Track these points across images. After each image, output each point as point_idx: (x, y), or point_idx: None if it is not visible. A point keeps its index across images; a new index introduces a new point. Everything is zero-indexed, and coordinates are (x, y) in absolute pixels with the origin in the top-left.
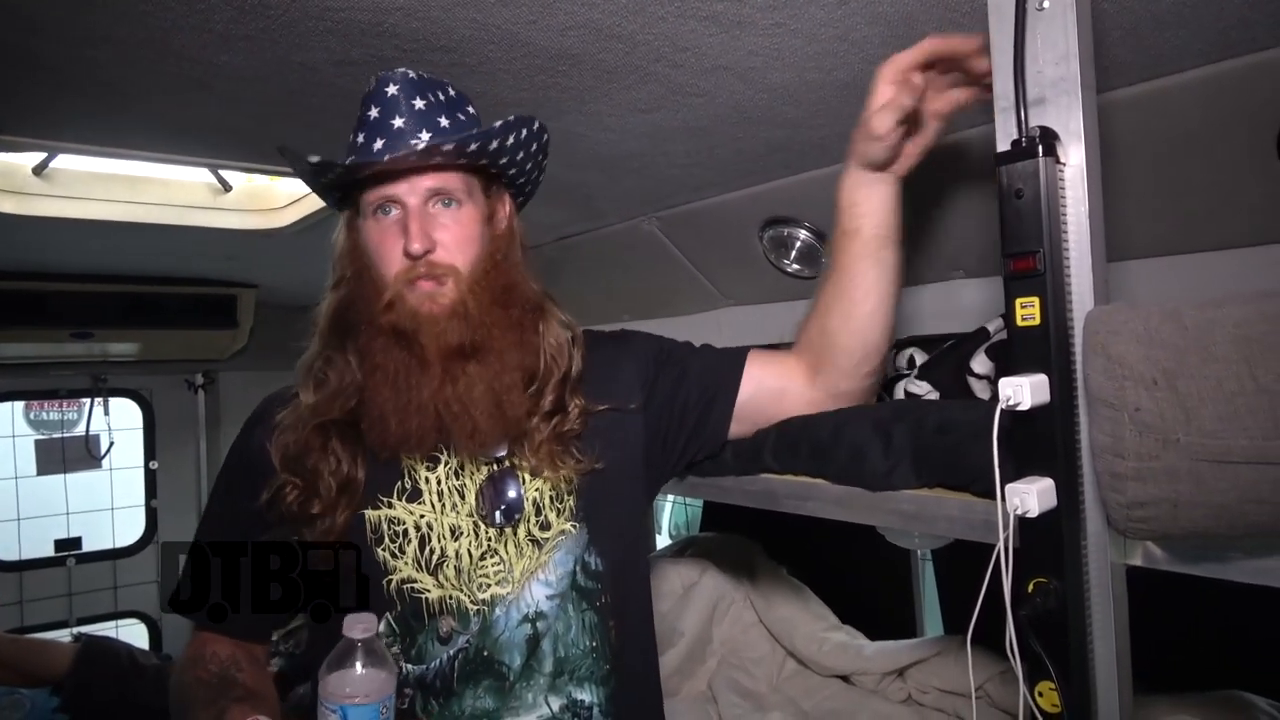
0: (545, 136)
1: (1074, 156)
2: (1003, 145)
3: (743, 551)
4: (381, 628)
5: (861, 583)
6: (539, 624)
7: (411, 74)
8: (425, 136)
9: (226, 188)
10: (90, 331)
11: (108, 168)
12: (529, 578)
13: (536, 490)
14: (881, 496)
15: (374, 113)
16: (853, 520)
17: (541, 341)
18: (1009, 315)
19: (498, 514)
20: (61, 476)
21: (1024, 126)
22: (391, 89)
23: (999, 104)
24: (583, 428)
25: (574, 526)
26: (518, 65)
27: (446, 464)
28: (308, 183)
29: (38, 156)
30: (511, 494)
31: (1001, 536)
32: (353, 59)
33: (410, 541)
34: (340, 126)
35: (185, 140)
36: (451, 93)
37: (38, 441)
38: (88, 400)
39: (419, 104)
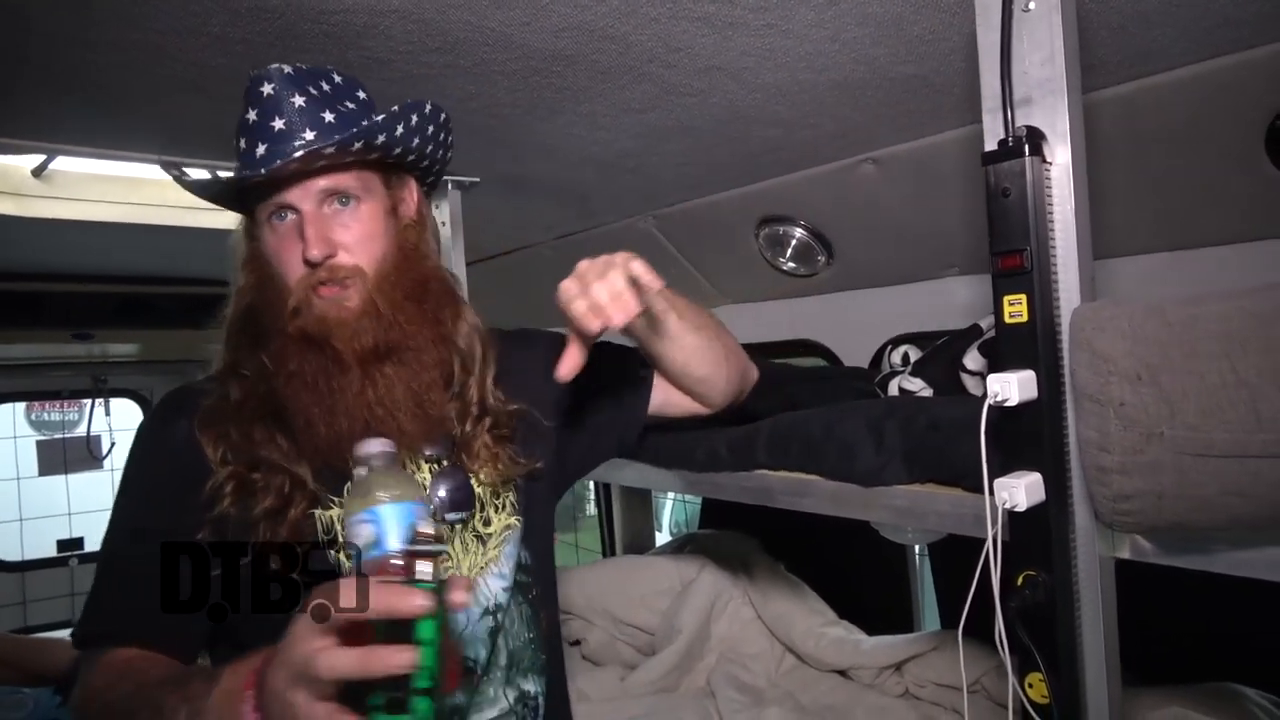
0: (442, 116)
1: (1060, 155)
2: (990, 145)
3: (741, 548)
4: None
5: (859, 578)
6: (498, 615)
7: (288, 69)
8: (309, 135)
9: None
10: (90, 332)
11: (106, 169)
12: (480, 572)
13: (480, 487)
14: (875, 492)
15: (252, 115)
16: (847, 515)
17: (455, 334)
18: (997, 312)
19: (450, 509)
20: (63, 477)
21: (1010, 126)
22: (267, 88)
23: (986, 104)
24: (513, 429)
25: (516, 520)
26: (513, 66)
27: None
28: (199, 196)
29: (37, 158)
30: (465, 490)
31: (990, 530)
32: (349, 61)
33: None
34: None
35: (182, 143)
36: (337, 80)
37: (39, 442)
38: (89, 401)
39: (299, 100)
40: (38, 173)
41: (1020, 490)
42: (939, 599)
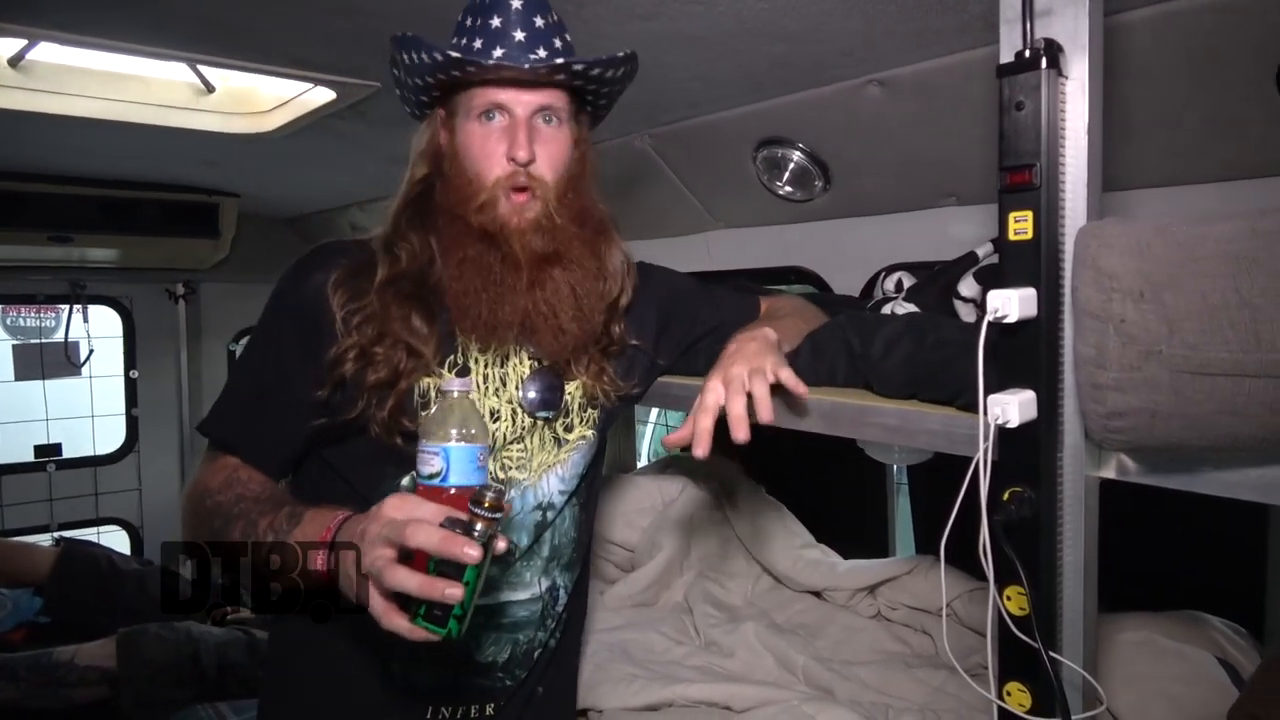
0: (635, 67)
1: (1077, 70)
2: (1006, 57)
3: (723, 471)
4: (405, 482)
5: (838, 505)
6: (548, 514)
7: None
8: (542, 54)
9: (209, 89)
10: (69, 235)
11: (86, 62)
12: (546, 470)
13: (570, 395)
14: (866, 410)
15: (496, 21)
16: (836, 434)
17: (608, 260)
18: (1002, 229)
19: (539, 406)
20: (40, 383)
21: (1029, 38)
22: (516, 3)
23: (1005, 15)
24: (620, 353)
25: (593, 435)
26: None
27: (496, 350)
28: (405, 75)
29: (15, 45)
30: (556, 391)
31: (982, 445)
32: None
33: None
34: (341, 26)
35: (166, 33)
36: (555, 18)
37: (15, 347)
38: (66, 307)
39: (539, 22)
40: (14, 62)
41: (1013, 406)
42: (915, 526)
